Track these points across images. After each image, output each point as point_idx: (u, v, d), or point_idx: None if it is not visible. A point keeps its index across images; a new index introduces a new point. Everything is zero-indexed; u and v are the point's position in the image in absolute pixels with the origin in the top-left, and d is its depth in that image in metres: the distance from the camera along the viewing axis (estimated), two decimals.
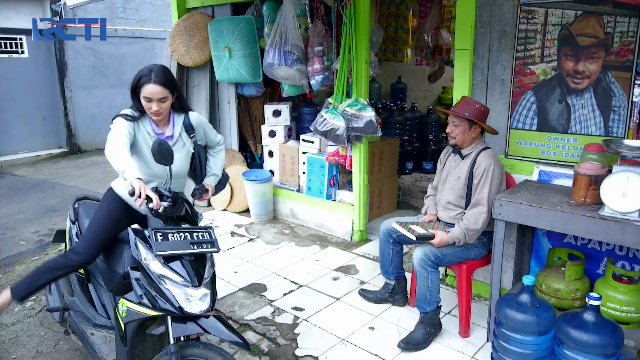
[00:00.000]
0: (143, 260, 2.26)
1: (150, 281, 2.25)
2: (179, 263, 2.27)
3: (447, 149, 3.36)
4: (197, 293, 2.24)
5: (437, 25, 6.37)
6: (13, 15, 8.94)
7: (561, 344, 2.43)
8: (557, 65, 3.08)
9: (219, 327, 2.27)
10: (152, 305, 2.25)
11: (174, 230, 2.32)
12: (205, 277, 2.31)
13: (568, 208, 2.62)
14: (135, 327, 2.35)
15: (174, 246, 2.26)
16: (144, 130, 2.54)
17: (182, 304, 2.20)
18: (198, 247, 2.31)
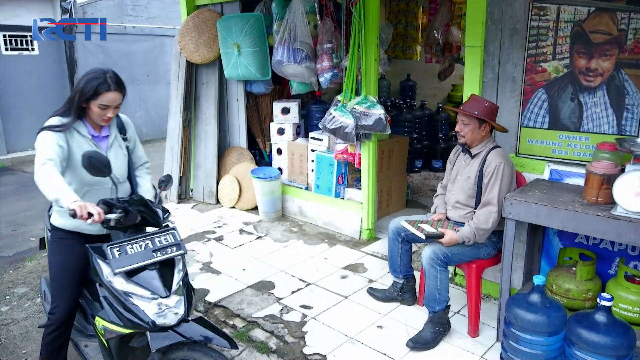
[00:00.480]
0: (105, 278, 2.15)
1: (117, 300, 2.13)
2: (145, 274, 2.16)
3: (456, 148, 3.33)
4: (169, 302, 2.14)
5: (448, 22, 6.33)
6: (24, 12, 9.00)
7: (572, 344, 2.41)
8: (569, 63, 3.04)
9: (199, 330, 2.15)
10: (124, 324, 2.13)
11: (132, 241, 2.18)
12: (175, 282, 2.21)
13: (580, 207, 2.59)
14: (117, 342, 2.25)
15: (134, 259, 2.14)
16: (77, 136, 2.40)
17: (153, 318, 2.08)
18: (162, 253, 2.20)
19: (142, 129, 10.88)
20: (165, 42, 11.08)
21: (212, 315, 3.54)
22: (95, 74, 2.38)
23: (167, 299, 2.13)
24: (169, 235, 2.29)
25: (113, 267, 2.10)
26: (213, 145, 5.83)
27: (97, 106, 2.37)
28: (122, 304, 2.11)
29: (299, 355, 3.03)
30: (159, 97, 11.00)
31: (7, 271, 4.40)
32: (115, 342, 2.24)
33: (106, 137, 2.53)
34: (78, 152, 2.36)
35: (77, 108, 2.38)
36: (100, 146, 2.48)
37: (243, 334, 3.29)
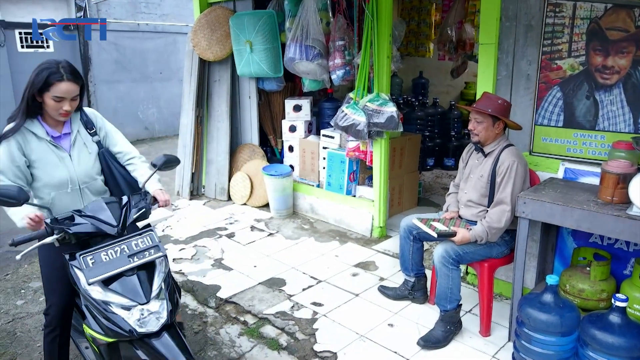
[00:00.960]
0: (83, 288, 2.05)
1: (97, 310, 2.04)
2: (123, 280, 2.06)
3: (469, 147, 3.31)
4: (151, 307, 2.04)
5: (461, 19, 6.27)
6: (39, 10, 9.08)
7: (585, 345, 2.38)
8: (585, 60, 3.00)
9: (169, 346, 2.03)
10: (106, 333, 2.05)
11: (107, 247, 2.07)
12: (156, 287, 2.11)
13: (595, 207, 2.56)
14: (106, 349, 2.14)
15: (108, 266, 2.03)
16: (33, 140, 2.29)
17: (134, 326, 1.99)
18: (139, 258, 2.10)
19: (154, 125, 10.95)
20: (178, 39, 11.12)
21: (223, 311, 3.56)
22: (47, 64, 2.25)
23: (148, 304, 2.04)
24: (146, 237, 2.17)
25: (87, 277, 1.99)
26: (225, 142, 5.85)
27: (51, 98, 2.23)
28: (102, 313, 2.03)
29: (309, 352, 3.03)
30: (172, 94, 11.05)
31: (22, 265, 4.46)
32: (104, 349, 2.15)
33: (68, 134, 2.40)
34: (38, 160, 2.30)
35: (28, 104, 2.25)
36: (61, 146, 2.37)
37: (254, 330, 3.30)
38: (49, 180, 2.33)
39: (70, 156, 2.39)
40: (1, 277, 4.26)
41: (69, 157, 2.38)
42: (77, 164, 2.39)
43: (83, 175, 2.42)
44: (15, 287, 4.05)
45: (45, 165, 2.32)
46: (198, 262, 4.30)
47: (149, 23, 10.65)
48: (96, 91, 9.85)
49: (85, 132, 2.47)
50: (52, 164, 2.33)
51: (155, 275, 2.15)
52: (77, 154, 2.41)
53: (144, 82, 10.71)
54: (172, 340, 2.04)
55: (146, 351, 2.05)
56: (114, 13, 10.04)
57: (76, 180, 2.40)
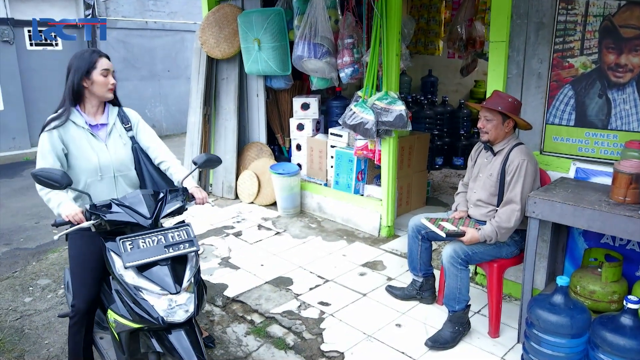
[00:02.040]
0: (117, 271, 2.15)
1: (127, 294, 2.13)
2: (156, 269, 2.15)
3: (478, 146, 3.27)
4: (179, 299, 2.12)
5: (471, 16, 6.22)
6: (48, 8, 9.13)
7: (596, 347, 2.35)
8: (597, 58, 2.96)
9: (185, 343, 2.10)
10: (133, 319, 2.12)
11: (145, 235, 2.17)
12: (186, 280, 2.18)
13: (606, 207, 2.52)
14: (127, 336, 2.22)
15: (145, 253, 2.13)
16: (73, 129, 2.43)
17: (162, 314, 2.07)
18: (174, 249, 2.18)
19: (162, 123, 10.99)
20: (186, 37, 11.15)
21: (230, 310, 3.55)
22: (81, 51, 2.44)
23: (177, 295, 2.12)
24: (183, 231, 2.26)
25: (124, 261, 2.09)
26: (233, 140, 5.84)
27: (100, 74, 2.40)
28: (132, 298, 2.11)
29: (316, 352, 3.02)
30: (180, 92, 11.08)
31: (30, 263, 4.48)
32: (125, 336, 2.22)
33: (104, 125, 2.53)
34: (75, 148, 2.42)
35: (73, 90, 2.40)
36: (98, 136, 2.49)
37: (261, 329, 3.29)
38: (86, 167, 2.44)
39: (107, 145, 2.50)
40: (9, 274, 4.28)
41: (105, 146, 2.50)
42: (113, 153, 2.50)
43: (118, 164, 2.52)
44: (24, 285, 4.06)
45: (82, 153, 2.43)
46: (205, 260, 4.30)
47: (157, 21, 10.69)
48: None
49: (121, 126, 2.60)
50: (89, 152, 2.44)
51: (187, 269, 2.21)
52: (113, 144, 2.52)
53: (151, 79, 10.74)
54: (188, 338, 2.10)
55: (162, 345, 2.12)
56: (122, 11, 10.08)
57: (111, 169, 2.50)
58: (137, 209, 2.25)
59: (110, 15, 9.87)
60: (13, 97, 8.86)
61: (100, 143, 2.48)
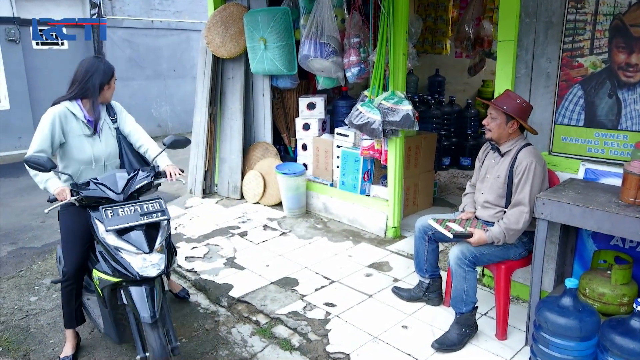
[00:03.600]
0: (100, 235, 2.58)
1: (109, 253, 2.55)
2: (133, 233, 2.57)
3: (485, 146, 3.25)
4: (152, 258, 2.55)
5: (479, 15, 6.18)
6: (54, 7, 9.15)
7: (605, 351, 2.33)
8: (607, 58, 2.92)
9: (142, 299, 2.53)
10: (113, 273, 2.56)
11: (124, 205, 2.60)
12: (158, 242, 2.60)
13: (616, 208, 2.49)
14: (109, 291, 2.65)
15: (124, 220, 2.55)
16: (73, 121, 2.81)
17: (137, 270, 2.50)
18: (148, 217, 2.61)
19: (167, 123, 11.00)
20: (192, 36, 11.15)
21: (235, 310, 3.54)
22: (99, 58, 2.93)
23: (150, 255, 2.55)
24: (156, 203, 2.69)
25: (106, 225, 2.51)
26: (238, 140, 5.83)
27: (114, 82, 2.91)
28: (113, 257, 2.54)
29: (321, 353, 3.00)
30: (185, 91, 11.08)
31: (35, 262, 4.48)
32: (107, 291, 2.66)
33: (97, 119, 2.90)
34: (72, 140, 2.81)
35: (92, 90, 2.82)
36: (92, 128, 2.87)
37: (266, 330, 3.27)
38: (81, 157, 2.84)
39: (100, 138, 2.90)
40: (15, 273, 4.28)
41: (99, 139, 2.89)
42: (105, 145, 2.91)
43: (108, 155, 2.93)
44: (29, 284, 4.07)
45: (79, 144, 2.82)
46: (210, 260, 4.29)
47: (163, 20, 10.70)
48: None
49: (109, 119, 2.99)
50: (85, 145, 2.84)
51: (159, 234, 2.65)
52: (104, 137, 2.93)
53: (157, 79, 10.75)
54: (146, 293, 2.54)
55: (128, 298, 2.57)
56: (128, 10, 10.09)
57: (102, 159, 2.91)
58: (110, 186, 2.67)
59: (116, 15, 9.89)
60: (19, 96, 8.88)
61: (94, 136, 2.87)
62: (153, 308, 2.52)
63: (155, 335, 2.50)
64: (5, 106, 8.66)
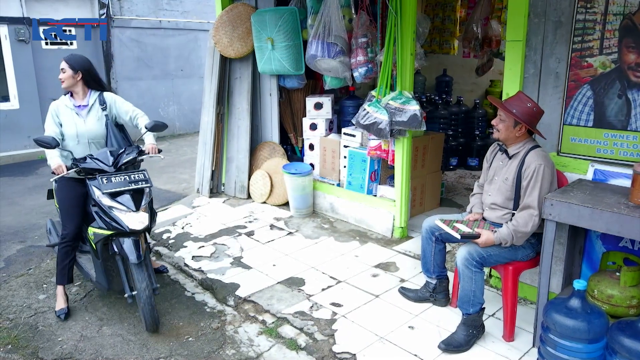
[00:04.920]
0: (97, 198, 3.21)
1: (104, 212, 3.19)
2: (123, 196, 3.23)
3: (493, 147, 3.23)
4: (138, 216, 3.20)
5: (487, 15, 6.15)
6: (63, 7, 9.19)
7: (614, 353, 2.31)
8: (617, 58, 2.90)
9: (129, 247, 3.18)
10: (107, 227, 3.18)
11: (116, 175, 3.27)
12: (142, 204, 3.27)
13: (625, 210, 2.47)
14: (102, 244, 3.26)
15: (116, 185, 3.23)
16: (65, 110, 3.54)
17: (127, 223, 3.15)
18: (135, 184, 3.28)
19: (175, 122, 11.02)
20: (200, 36, 11.18)
21: (242, 310, 3.54)
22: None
23: (137, 213, 3.21)
24: (141, 174, 3.37)
25: (102, 189, 3.19)
26: (245, 140, 5.84)
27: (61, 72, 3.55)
28: (107, 214, 3.18)
29: (328, 354, 3.00)
30: (192, 91, 11.11)
31: (44, 260, 4.51)
32: (100, 244, 3.26)
33: (85, 106, 3.59)
34: (64, 121, 3.52)
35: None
36: (80, 113, 3.57)
37: (272, 330, 3.27)
38: (70, 134, 3.52)
39: (84, 120, 3.55)
40: (24, 271, 4.31)
41: (83, 121, 3.55)
42: (87, 125, 3.55)
43: (90, 134, 3.55)
44: (38, 282, 4.09)
45: (68, 125, 3.52)
46: (217, 260, 4.30)
47: (171, 20, 10.72)
48: (118, 88, 9.95)
49: (99, 106, 3.62)
50: (72, 124, 3.52)
51: (143, 198, 3.32)
52: (89, 119, 3.57)
53: (165, 79, 10.78)
54: (134, 244, 3.19)
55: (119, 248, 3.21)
56: (136, 10, 10.13)
57: (85, 137, 3.54)
58: (103, 160, 3.34)
59: (125, 15, 9.93)
60: (28, 96, 8.93)
61: (80, 118, 3.55)
62: (139, 252, 3.18)
63: (141, 273, 3.18)
64: (15, 105, 8.71)
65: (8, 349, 3.22)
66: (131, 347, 3.20)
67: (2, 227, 5.38)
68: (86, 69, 3.59)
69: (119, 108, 3.70)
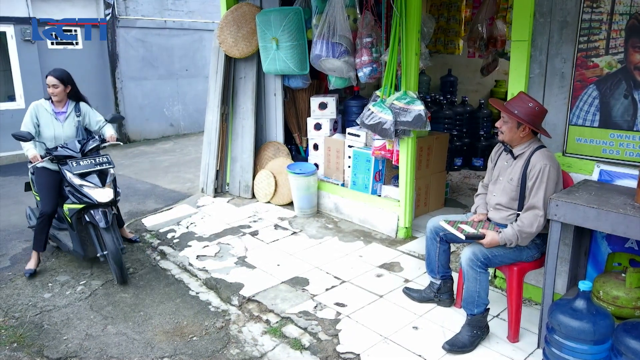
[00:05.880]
0: (69, 179, 3.89)
1: (75, 190, 3.87)
2: (91, 176, 3.93)
3: (498, 147, 3.21)
4: (104, 191, 3.92)
5: (492, 15, 6.13)
6: (68, 7, 9.23)
7: (619, 355, 2.30)
8: (623, 58, 2.89)
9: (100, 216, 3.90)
10: (80, 202, 3.87)
11: (84, 159, 3.97)
12: (107, 182, 3.98)
13: (631, 211, 2.46)
14: (76, 217, 3.94)
15: (84, 167, 3.93)
16: (44, 112, 4.10)
17: (96, 197, 3.86)
18: (100, 166, 4.00)
19: (180, 122, 11.04)
20: (204, 36, 11.19)
21: (246, 309, 3.55)
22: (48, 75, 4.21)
23: (103, 189, 3.93)
24: (105, 157, 4.09)
25: (73, 170, 3.89)
26: (250, 139, 5.85)
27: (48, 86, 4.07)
28: (79, 191, 3.86)
29: (332, 353, 2.99)
30: (197, 91, 11.12)
31: (49, 259, 4.53)
32: (75, 218, 3.95)
33: (63, 112, 4.18)
34: (43, 123, 4.08)
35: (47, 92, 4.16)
36: (58, 119, 4.14)
37: (276, 329, 3.28)
38: (49, 136, 4.10)
39: (62, 125, 4.14)
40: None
41: (61, 126, 4.14)
42: (64, 129, 4.15)
43: (66, 137, 4.15)
44: (43, 281, 4.11)
45: (46, 128, 4.10)
46: (221, 259, 4.31)
47: (176, 20, 10.75)
48: (123, 88, 9.98)
49: (74, 114, 4.23)
50: (50, 127, 4.11)
51: (108, 176, 4.03)
52: (66, 124, 4.17)
53: (170, 78, 10.80)
54: (103, 214, 3.90)
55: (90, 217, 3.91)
56: (141, 10, 10.15)
57: (62, 139, 4.13)
58: (71, 148, 4.02)
59: (130, 15, 9.96)
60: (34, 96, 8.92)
61: (58, 123, 4.13)
62: (107, 220, 3.89)
63: (109, 236, 3.88)
64: (21, 105, 8.74)
65: (14, 347, 3.23)
66: (135, 346, 3.21)
67: (8, 226, 5.40)
68: (72, 82, 4.17)
69: (91, 118, 4.32)
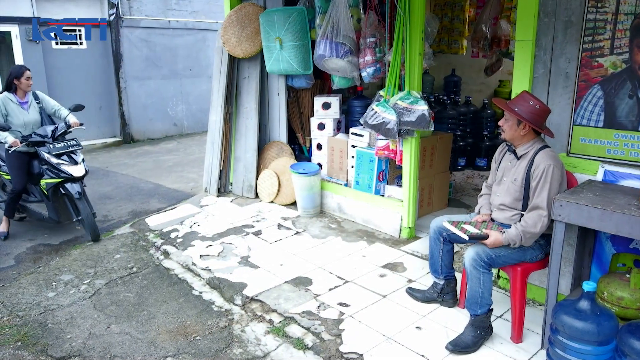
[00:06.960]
0: (47, 158, 4.68)
1: (52, 167, 4.68)
2: (65, 156, 4.77)
3: (502, 147, 3.21)
4: (77, 167, 4.79)
5: (496, 15, 6.10)
6: (73, 7, 9.25)
7: (624, 356, 2.29)
8: (628, 58, 2.88)
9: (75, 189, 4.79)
10: (57, 177, 4.69)
11: (57, 142, 4.79)
12: (79, 160, 4.88)
13: (636, 211, 2.45)
14: (52, 190, 4.77)
15: (60, 149, 4.75)
16: (11, 103, 4.80)
17: (72, 172, 4.71)
18: (71, 148, 4.85)
19: (183, 122, 11.06)
20: (208, 36, 11.20)
21: (249, 309, 3.55)
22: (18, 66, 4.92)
23: (76, 165, 4.80)
24: (74, 140, 4.95)
25: (49, 152, 4.69)
26: (253, 139, 5.85)
27: (25, 79, 4.83)
28: (57, 168, 4.68)
29: (335, 353, 2.99)
30: (201, 91, 11.14)
31: (53, 258, 4.55)
32: (51, 190, 4.78)
33: (26, 102, 4.92)
34: (11, 113, 4.79)
35: (9, 84, 4.84)
36: (23, 107, 4.88)
37: (280, 329, 3.28)
38: (18, 123, 4.82)
39: (28, 112, 4.90)
40: (33, 269, 4.35)
41: (27, 113, 4.90)
42: (30, 116, 4.92)
43: (33, 123, 4.94)
44: (47, 280, 4.12)
45: (15, 117, 4.81)
46: (225, 259, 4.31)
47: (180, 20, 10.76)
48: (127, 87, 10.00)
49: (34, 102, 5.00)
50: (19, 116, 4.84)
51: (78, 155, 4.92)
52: (31, 112, 4.94)
53: (173, 78, 10.82)
54: (76, 186, 4.79)
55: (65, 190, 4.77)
56: (145, 10, 10.17)
57: (30, 125, 4.92)
58: (43, 134, 4.80)
59: (134, 15, 9.98)
60: None
61: (24, 111, 4.88)
62: (80, 190, 4.79)
63: (83, 204, 4.75)
64: None
65: (18, 345, 3.24)
66: (139, 345, 3.21)
67: (12, 225, 5.42)
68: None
69: (47, 103, 5.08)
